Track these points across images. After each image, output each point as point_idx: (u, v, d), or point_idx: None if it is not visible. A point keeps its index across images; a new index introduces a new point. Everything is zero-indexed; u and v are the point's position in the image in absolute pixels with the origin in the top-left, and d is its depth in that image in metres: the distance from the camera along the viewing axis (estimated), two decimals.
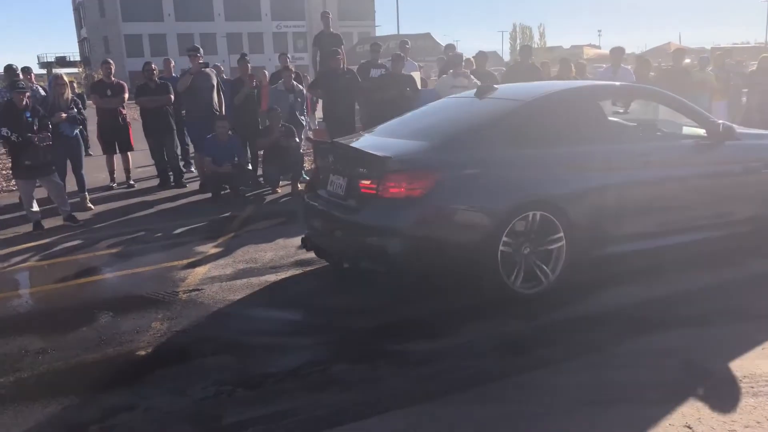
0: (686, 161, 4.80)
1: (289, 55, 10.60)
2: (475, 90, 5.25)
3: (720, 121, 4.93)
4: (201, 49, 8.75)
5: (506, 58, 54.12)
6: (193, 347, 3.72)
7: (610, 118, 5.32)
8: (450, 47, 11.96)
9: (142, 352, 3.66)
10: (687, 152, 4.86)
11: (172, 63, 10.27)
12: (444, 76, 9.09)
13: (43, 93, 9.12)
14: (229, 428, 2.86)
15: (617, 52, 9.97)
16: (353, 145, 4.66)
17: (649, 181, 4.53)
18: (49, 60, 63.44)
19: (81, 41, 68.20)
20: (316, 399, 3.07)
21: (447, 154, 4.15)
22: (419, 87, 9.07)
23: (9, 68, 9.18)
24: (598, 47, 44.59)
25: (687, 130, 5.23)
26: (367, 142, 4.81)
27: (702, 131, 4.97)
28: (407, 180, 3.95)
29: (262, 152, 8.83)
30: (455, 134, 4.45)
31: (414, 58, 12.08)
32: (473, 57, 10.20)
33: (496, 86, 5.46)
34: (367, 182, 4.10)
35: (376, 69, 9.31)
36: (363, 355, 3.54)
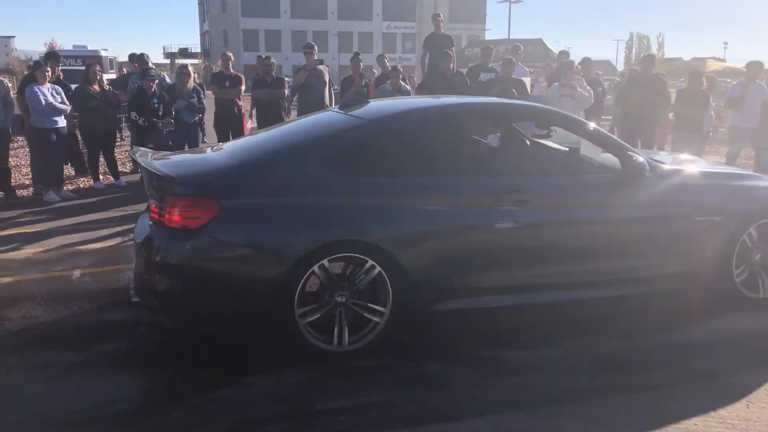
0: (582, 202, 3.94)
1: (387, 56, 10.70)
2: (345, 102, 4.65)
3: (637, 154, 4.03)
4: (316, 47, 9.01)
5: (620, 67, 52.01)
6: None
7: (494, 144, 4.61)
8: (564, 54, 11.65)
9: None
10: (587, 191, 3.99)
11: (232, 58, 10.31)
12: (555, 84, 8.88)
13: (168, 81, 9.72)
14: (320, 414, 2.94)
15: (754, 66, 9.32)
16: (156, 160, 3.83)
17: (522, 224, 3.75)
18: (172, 51, 67.58)
19: (203, 34, 72.14)
20: (407, 395, 3.10)
21: (241, 177, 3.49)
22: (529, 92, 8.91)
23: (140, 57, 9.83)
24: (723, 60, 41.94)
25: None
26: (181, 159, 4.08)
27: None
28: (186, 207, 3.28)
29: None
30: (265, 155, 3.74)
31: (525, 63, 11.87)
32: (579, 63, 9.89)
33: (368, 100, 4.91)
34: (155, 207, 3.46)
35: (486, 72, 9.23)
36: (456, 358, 3.53)
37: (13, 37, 50.19)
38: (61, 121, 7.89)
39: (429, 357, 3.52)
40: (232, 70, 9.21)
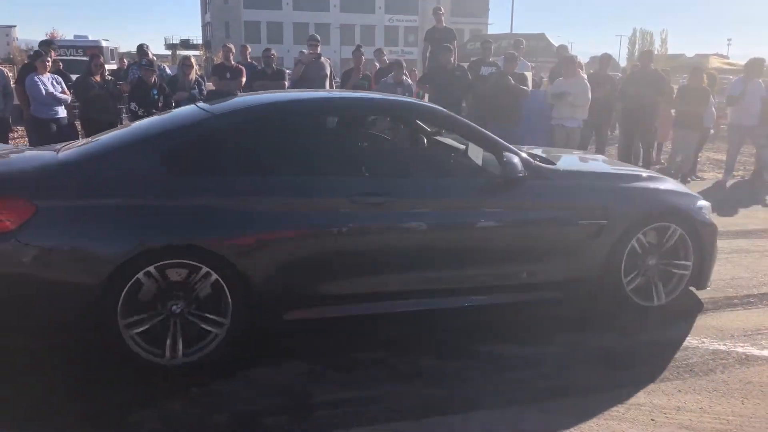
0: (452, 204, 3.68)
1: (388, 50, 10.71)
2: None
3: (513, 154, 3.73)
4: (319, 39, 9.01)
5: (623, 63, 51.91)
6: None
7: (363, 144, 4.37)
8: (563, 48, 11.60)
9: None
10: (459, 193, 3.72)
11: (249, 50, 10.38)
12: (559, 79, 8.88)
13: (168, 72, 9.71)
14: (318, 406, 2.96)
15: (754, 63, 9.31)
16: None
17: (382, 228, 3.51)
18: (174, 42, 67.36)
19: (204, 26, 71.92)
20: (404, 389, 3.12)
21: (60, 176, 3.21)
22: (530, 87, 8.91)
23: (140, 48, 9.84)
24: (726, 57, 41.83)
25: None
26: (13, 157, 3.67)
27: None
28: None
29: None
30: (95, 152, 3.46)
31: (527, 58, 11.84)
32: (600, 58, 9.81)
33: (238, 93, 4.72)
34: None
35: (487, 67, 9.22)
36: (452, 352, 3.55)
37: (15, 26, 49.99)
38: (62, 111, 7.89)
39: (425, 351, 3.54)
40: (233, 62, 9.20)
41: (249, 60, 9.95)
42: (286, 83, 8.95)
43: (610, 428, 2.84)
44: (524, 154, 3.90)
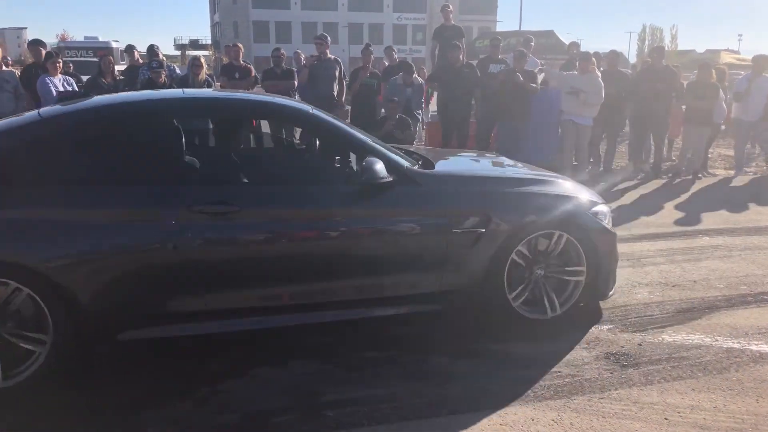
0: (310, 213, 3.41)
1: (396, 48, 10.69)
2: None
3: (374, 158, 3.42)
4: (328, 38, 8.99)
5: (632, 59, 51.58)
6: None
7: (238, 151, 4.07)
8: (574, 45, 11.54)
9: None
10: (318, 200, 3.44)
11: (242, 49, 9.78)
12: (573, 72, 8.82)
13: (178, 72, 9.73)
14: (327, 405, 2.95)
15: (760, 59, 9.23)
16: None
17: (225, 239, 3.24)
18: (183, 42, 67.64)
19: (213, 26, 72.17)
20: (414, 388, 3.10)
21: None
22: (538, 84, 8.86)
23: (150, 48, 9.86)
24: (737, 53, 41.46)
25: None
26: None
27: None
28: None
29: None
30: None
31: (536, 55, 11.77)
32: (605, 55, 9.77)
33: (92, 95, 4.39)
34: None
35: (496, 64, 9.18)
36: (462, 350, 3.53)
37: (26, 28, 50.45)
38: None
39: (434, 350, 3.52)
40: (242, 62, 9.21)
41: (241, 62, 9.50)
42: (296, 82, 8.94)
43: (624, 427, 2.81)
44: (396, 158, 3.64)
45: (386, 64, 10.74)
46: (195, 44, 67.16)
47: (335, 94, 8.84)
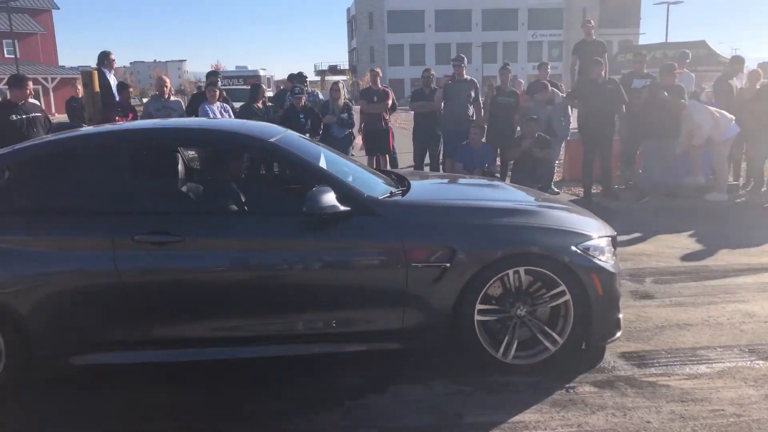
0: (251, 245, 3.32)
1: (545, 65, 10.39)
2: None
3: (324, 187, 3.27)
4: (465, 60, 9.04)
5: None
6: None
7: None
8: (737, 60, 10.29)
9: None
10: (261, 231, 3.35)
11: (380, 74, 10.00)
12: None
13: (321, 97, 10.24)
14: (469, 427, 2.94)
15: None
16: None
17: (171, 269, 3.25)
18: (323, 68, 71.04)
19: (351, 51, 75.16)
20: (562, 416, 3.01)
21: None
22: (686, 99, 8.31)
23: (298, 75, 10.49)
24: None
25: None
26: None
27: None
28: None
29: (512, 162, 8.85)
30: None
31: (687, 67, 11.00)
32: (758, 67, 9.01)
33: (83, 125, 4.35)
34: None
35: (640, 79, 8.75)
36: (608, 379, 3.38)
37: (185, 60, 55.47)
38: None
39: (580, 379, 3.39)
40: (380, 85, 9.50)
41: (380, 85, 9.76)
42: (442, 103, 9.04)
43: None
44: (354, 187, 3.47)
45: (521, 83, 10.56)
46: (333, 69, 70.28)
47: (470, 114, 8.87)
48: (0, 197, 3.41)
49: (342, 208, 3.25)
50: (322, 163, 3.70)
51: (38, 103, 7.80)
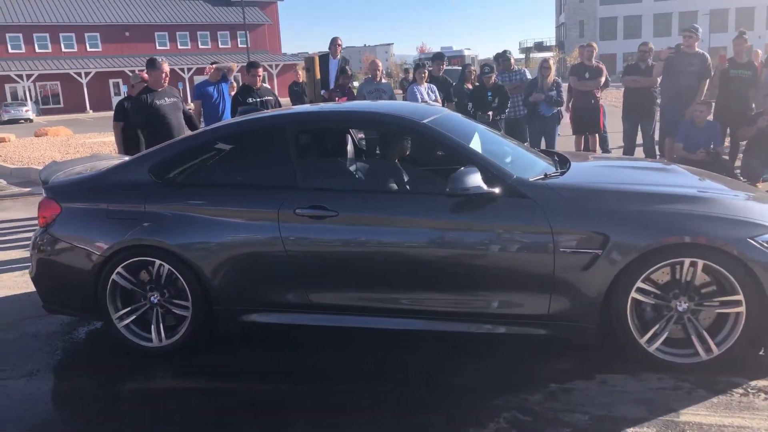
0: (407, 222, 3.43)
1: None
2: None
3: (472, 167, 3.29)
4: (699, 30, 8.24)
5: None
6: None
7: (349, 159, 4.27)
8: None
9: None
10: (412, 210, 3.45)
11: (596, 49, 9.41)
12: None
13: (528, 76, 10.01)
14: (687, 426, 2.75)
15: None
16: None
17: (323, 242, 3.52)
18: (528, 46, 69.25)
19: (558, 26, 72.18)
20: None
21: (79, 183, 4.01)
22: None
23: (503, 54, 10.35)
24: None
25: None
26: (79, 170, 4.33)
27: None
28: (42, 207, 3.96)
29: (745, 142, 7.92)
30: (113, 163, 4.21)
31: None
32: None
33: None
34: None
35: None
36: None
37: (392, 44, 57.62)
38: None
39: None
40: (594, 61, 9.03)
41: (594, 62, 9.21)
42: (658, 79, 8.40)
43: None
44: (504, 168, 3.45)
45: (759, 53, 9.37)
46: (539, 46, 68.22)
47: (695, 92, 8.06)
48: (194, 172, 3.90)
49: (486, 189, 3.27)
50: (476, 144, 3.74)
51: (269, 87, 8.60)
